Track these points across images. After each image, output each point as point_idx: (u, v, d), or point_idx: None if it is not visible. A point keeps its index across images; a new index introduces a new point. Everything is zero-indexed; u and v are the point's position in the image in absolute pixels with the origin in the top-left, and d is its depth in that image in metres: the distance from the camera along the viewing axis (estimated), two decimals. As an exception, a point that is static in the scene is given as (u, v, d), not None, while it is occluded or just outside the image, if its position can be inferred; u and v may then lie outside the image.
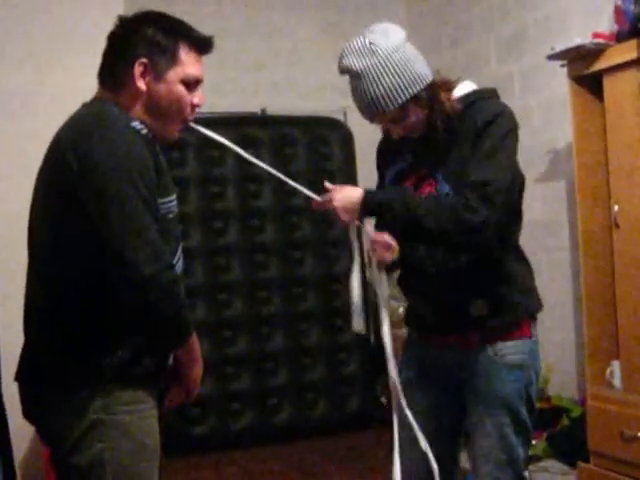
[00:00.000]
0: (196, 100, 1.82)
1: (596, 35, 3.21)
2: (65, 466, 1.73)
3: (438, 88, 2.01)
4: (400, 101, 1.94)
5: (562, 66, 3.42)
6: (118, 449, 1.68)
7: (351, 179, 4.89)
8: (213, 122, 4.60)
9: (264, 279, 4.67)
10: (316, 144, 4.85)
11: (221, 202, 4.62)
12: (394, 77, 1.94)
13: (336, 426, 4.59)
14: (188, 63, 1.79)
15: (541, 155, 4.03)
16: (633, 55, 3.05)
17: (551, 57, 3.41)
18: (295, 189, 2.15)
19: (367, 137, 4.81)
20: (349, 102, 2.09)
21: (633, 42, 3.05)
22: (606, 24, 3.35)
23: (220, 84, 4.71)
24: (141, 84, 1.75)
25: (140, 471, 1.72)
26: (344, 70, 1.99)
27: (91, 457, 1.68)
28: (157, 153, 1.76)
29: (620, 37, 3.17)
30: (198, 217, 4.56)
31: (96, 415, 1.68)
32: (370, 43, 1.94)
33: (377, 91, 1.94)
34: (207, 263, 4.55)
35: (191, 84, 1.80)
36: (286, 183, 2.21)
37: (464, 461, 2.34)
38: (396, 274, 2.24)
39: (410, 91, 1.95)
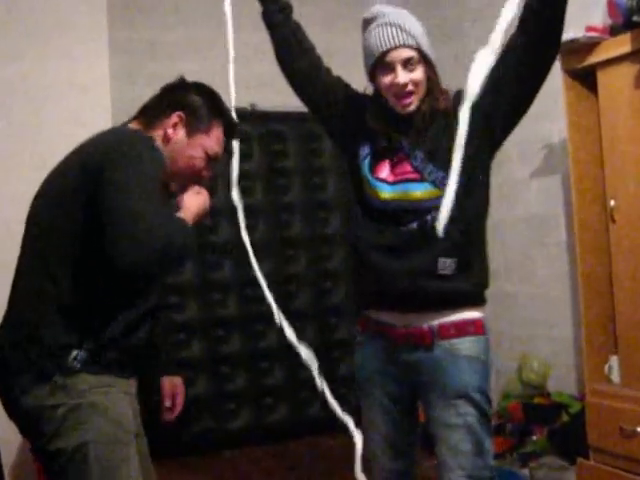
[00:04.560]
0: (205, 173, 2.02)
1: (589, 29, 3.19)
2: (48, 454, 1.81)
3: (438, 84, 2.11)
4: (421, 42, 2.03)
5: (556, 60, 3.40)
6: (98, 427, 1.78)
7: (342, 175, 4.86)
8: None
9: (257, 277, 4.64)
10: (306, 140, 4.81)
11: (212, 200, 4.57)
12: (418, 24, 2.07)
13: (331, 425, 4.55)
14: (215, 140, 2.00)
15: (536, 150, 4.01)
16: (627, 48, 3.03)
17: (544, 51, 3.38)
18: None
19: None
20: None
21: (627, 35, 3.03)
22: (599, 17, 3.33)
23: (209, 79, 4.63)
24: (171, 132, 1.94)
25: (118, 449, 1.81)
26: (368, 15, 2.07)
27: (74, 440, 1.77)
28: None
29: (614, 30, 3.15)
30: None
31: (72, 400, 1.78)
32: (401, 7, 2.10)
33: (407, 22, 2.04)
34: (199, 262, 4.52)
35: (210, 158, 1.99)
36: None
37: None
38: None
39: (427, 47, 2.05)
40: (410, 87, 2.05)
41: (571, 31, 3.24)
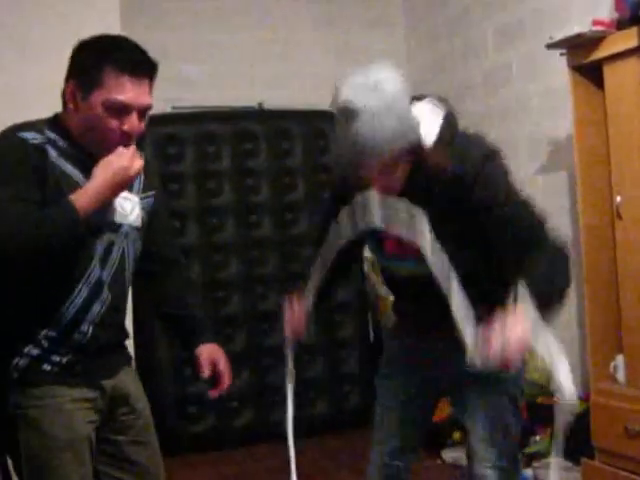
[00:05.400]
0: (125, 127, 1.79)
1: (596, 23, 3.15)
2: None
3: (424, 147, 1.87)
4: (399, 148, 1.79)
5: (562, 55, 3.36)
6: (30, 443, 1.80)
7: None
8: (210, 116, 4.60)
9: (262, 275, 4.63)
10: (313, 138, 4.79)
11: (217, 197, 4.57)
12: (397, 122, 1.76)
13: (336, 424, 4.55)
14: (113, 87, 1.77)
15: (542, 146, 3.97)
16: (634, 43, 2.99)
17: (550, 46, 3.35)
18: None
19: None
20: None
21: (634, 30, 2.99)
22: (606, 11, 3.29)
23: (216, 78, 4.65)
24: (71, 106, 1.83)
25: (53, 464, 1.80)
26: (341, 106, 1.76)
27: (16, 451, 1.81)
28: (49, 161, 1.78)
29: (620, 25, 3.11)
30: (195, 213, 4.52)
31: (13, 411, 1.80)
32: (376, 82, 1.75)
33: (379, 134, 1.74)
34: (205, 259, 4.51)
35: (117, 109, 1.78)
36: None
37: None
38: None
39: (409, 140, 1.81)
40: (387, 188, 1.88)
41: (577, 25, 3.21)
